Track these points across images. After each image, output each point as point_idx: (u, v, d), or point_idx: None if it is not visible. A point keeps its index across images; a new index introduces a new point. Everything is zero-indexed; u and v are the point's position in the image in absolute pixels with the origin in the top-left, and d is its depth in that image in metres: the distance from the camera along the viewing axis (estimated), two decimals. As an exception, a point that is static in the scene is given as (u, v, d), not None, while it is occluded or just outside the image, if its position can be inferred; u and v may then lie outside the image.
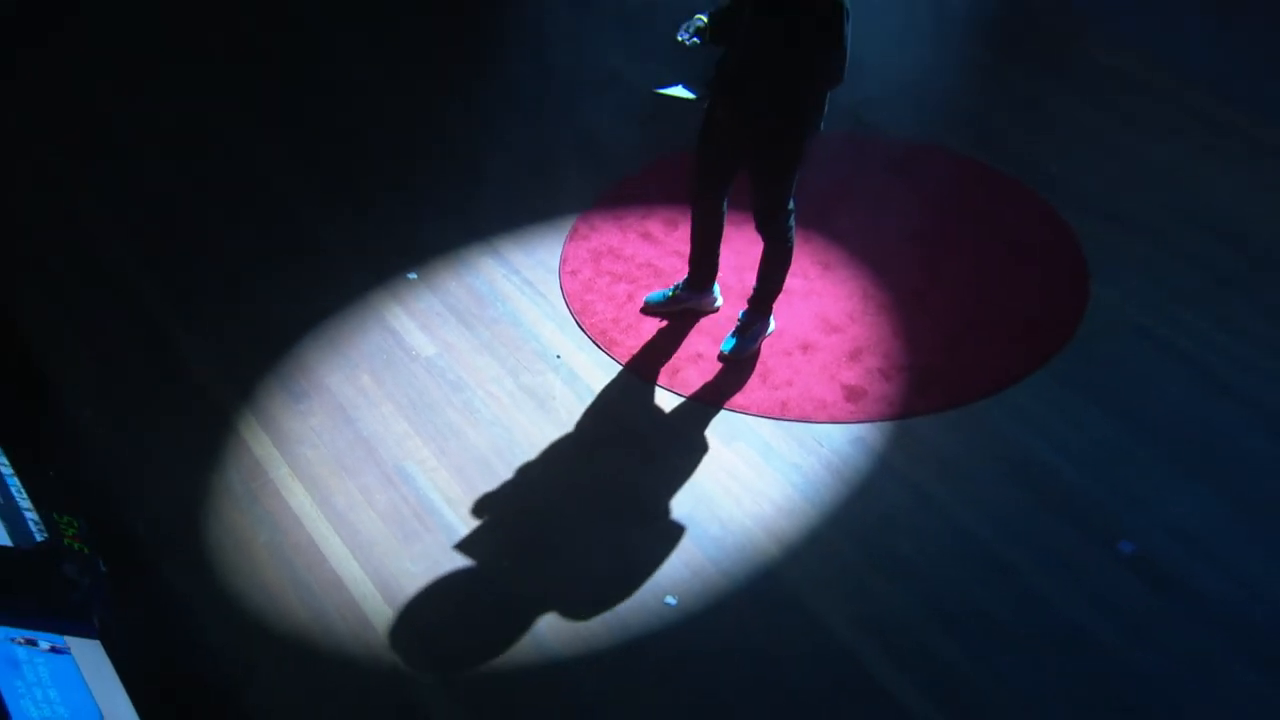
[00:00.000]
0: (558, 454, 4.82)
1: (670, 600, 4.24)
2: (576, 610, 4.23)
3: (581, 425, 4.91)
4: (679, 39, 4.58)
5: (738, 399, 4.94)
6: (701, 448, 4.79)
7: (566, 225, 5.78)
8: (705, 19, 4.57)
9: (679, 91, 4.65)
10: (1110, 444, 4.73)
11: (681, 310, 5.30)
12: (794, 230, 4.95)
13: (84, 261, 5.72)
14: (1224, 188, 5.95)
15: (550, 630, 4.16)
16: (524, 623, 4.19)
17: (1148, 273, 5.48)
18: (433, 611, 4.26)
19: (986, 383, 4.94)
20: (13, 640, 3.81)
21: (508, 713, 3.97)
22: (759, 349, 5.12)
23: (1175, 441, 4.73)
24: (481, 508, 4.59)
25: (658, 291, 5.36)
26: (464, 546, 4.46)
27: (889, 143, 6.22)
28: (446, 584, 4.34)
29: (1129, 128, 6.36)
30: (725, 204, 5.05)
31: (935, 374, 5.01)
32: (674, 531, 4.48)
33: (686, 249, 5.32)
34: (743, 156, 4.82)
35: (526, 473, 4.74)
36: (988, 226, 5.77)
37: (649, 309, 5.32)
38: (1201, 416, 4.85)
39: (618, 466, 4.77)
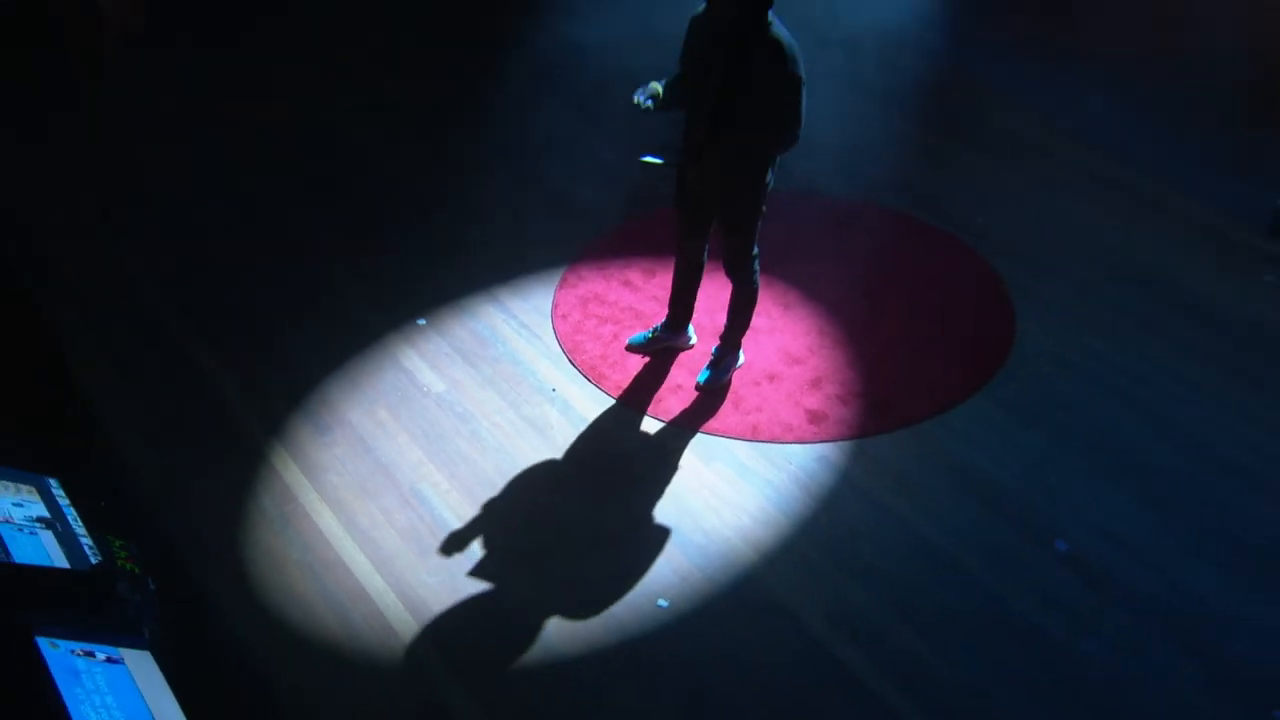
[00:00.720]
0: (557, 475, 4.80)
1: (662, 603, 4.23)
2: (578, 613, 4.21)
3: (577, 450, 4.89)
4: (635, 101, 4.56)
5: (714, 424, 4.93)
6: (684, 467, 4.78)
7: (556, 275, 5.77)
8: (659, 87, 4.56)
9: (655, 159, 4.67)
10: (1041, 457, 4.76)
11: (661, 348, 5.29)
12: (758, 274, 4.97)
13: (126, 310, 5.67)
14: (1120, 234, 6.02)
15: (555, 631, 4.14)
16: (531, 625, 4.17)
17: (1063, 309, 5.53)
18: (449, 617, 4.22)
19: (932, 406, 4.96)
20: (73, 653, 3.77)
21: (519, 706, 3.93)
22: (731, 380, 5.11)
23: (1097, 454, 4.77)
24: (489, 524, 4.56)
25: (640, 333, 5.35)
26: (474, 558, 4.42)
27: (832, 201, 6.26)
28: (461, 593, 4.30)
29: (1035, 185, 6.43)
30: (705, 253, 5.05)
31: (887, 399, 5.02)
32: (662, 541, 4.46)
33: (664, 294, 5.34)
34: (713, 210, 4.84)
35: (529, 493, 4.71)
36: (923, 271, 5.82)
37: (632, 348, 5.31)
38: (1118, 432, 4.88)
39: (611, 485, 4.76)
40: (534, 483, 4.76)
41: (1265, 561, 4.31)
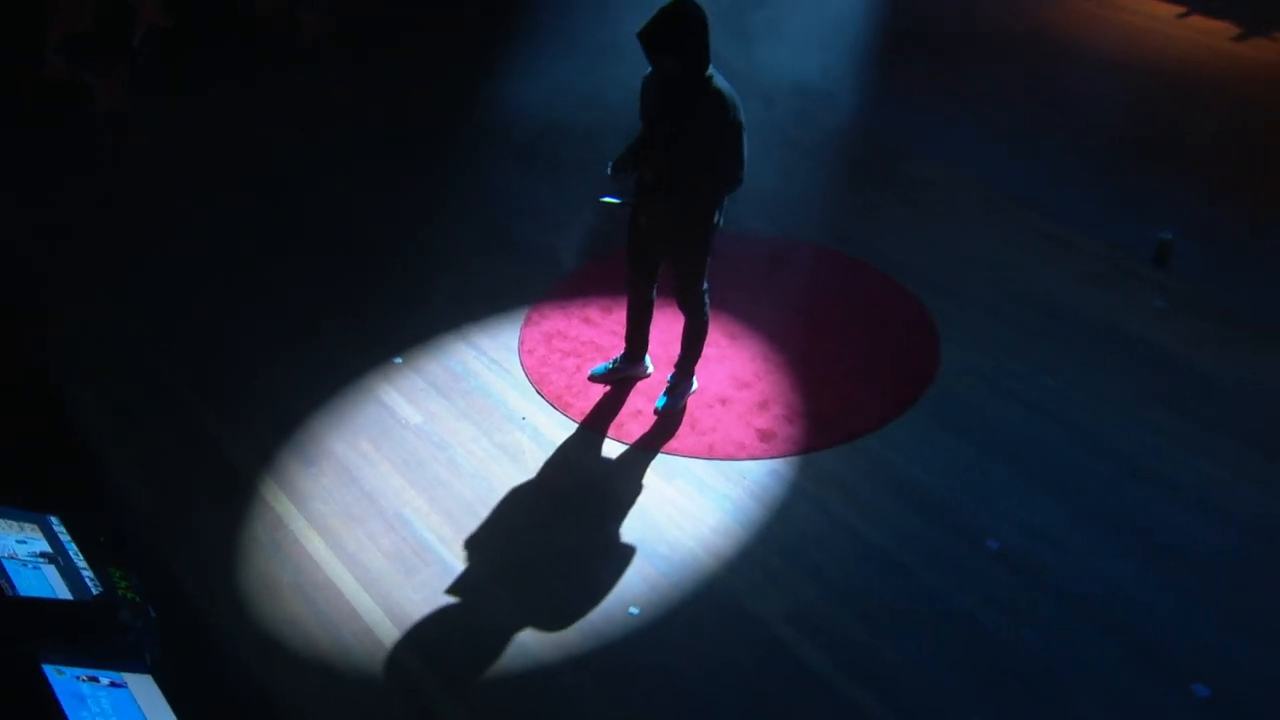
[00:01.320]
0: (530, 496, 4.71)
1: (634, 610, 4.16)
2: (556, 622, 4.12)
3: (547, 472, 4.81)
4: (603, 200, 4.64)
5: (673, 444, 4.87)
6: (647, 485, 4.72)
7: (521, 314, 5.69)
8: (615, 164, 4.55)
9: (613, 200, 4.64)
10: (969, 465, 4.75)
11: (621, 378, 5.23)
12: (709, 307, 4.93)
13: (120, 358, 5.47)
14: (1025, 266, 6.05)
15: (535, 640, 4.05)
16: (513, 635, 4.07)
17: (981, 333, 5.53)
18: (435, 631, 4.11)
19: (869, 422, 4.94)
20: (78, 678, 3.60)
21: (500, 709, 3.83)
22: (686, 404, 5.06)
23: (1019, 461, 4.77)
24: (469, 543, 4.45)
25: (601, 364, 5.29)
26: (457, 576, 4.31)
27: (769, 241, 6.25)
28: (445, 608, 4.19)
29: (945, 223, 6.46)
30: (654, 291, 5.01)
31: (829, 418, 4.99)
32: (631, 554, 4.39)
33: (621, 330, 5.30)
34: (663, 251, 4.82)
35: (505, 513, 4.61)
36: (853, 301, 5.81)
37: (594, 378, 5.24)
38: (1036, 439, 4.90)
39: (580, 504, 4.68)
40: (509, 504, 4.65)
41: (1172, 551, 4.34)
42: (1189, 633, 4.01)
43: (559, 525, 4.59)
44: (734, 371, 5.27)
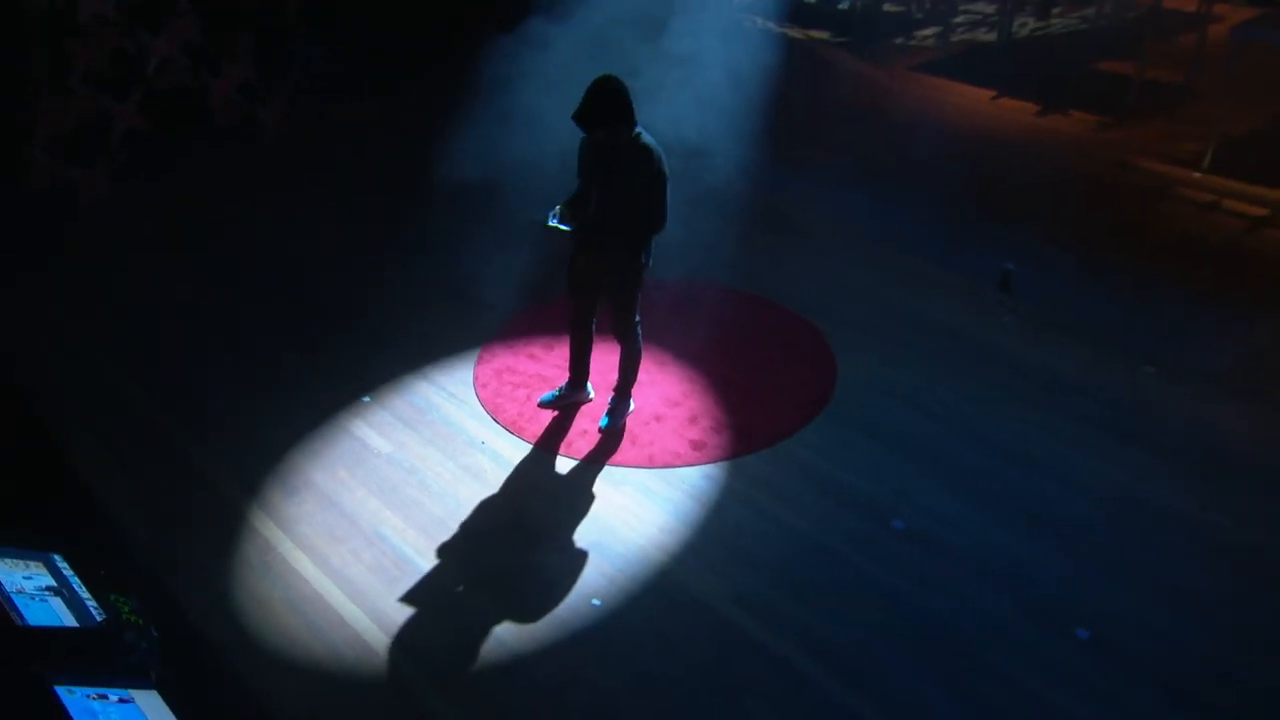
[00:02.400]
0: (495, 509, 4.60)
1: (596, 602, 4.08)
2: (528, 618, 4.01)
3: (508, 487, 4.71)
4: (548, 224, 4.48)
5: (617, 458, 4.82)
6: (598, 494, 4.64)
7: (474, 354, 5.58)
8: (561, 207, 4.51)
9: (559, 225, 4.50)
10: (873, 459, 4.78)
11: (567, 404, 5.15)
12: (640, 337, 4.91)
13: (112, 404, 5.21)
14: (898, 295, 6.12)
15: (509, 634, 3.94)
16: (490, 631, 3.95)
17: (868, 350, 5.56)
18: (420, 634, 3.97)
19: (785, 429, 4.95)
20: (88, 697, 3.38)
21: (486, 700, 3.70)
22: (626, 423, 5.01)
23: (913, 454, 4.81)
24: (444, 554, 4.32)
25: (548, 393, 5.20)
26: (435, 583, 4.18)
27: (685, 283, 6.15)
28: (426, 612, 4.06)
29: (829, 262, 6.51)
30: (593, 325, 4.97)
31: (750, 427, 4.99)
32: (588, 553, 4.31)
33: (563, 363, 5.24)
34: (600, 289, 4.80)
35: (473, 525, 4.49)
36: (762, 331, 5.82)
37: (544, 405, 5.16)
38: (925, 435, 4.94)
39: (540, 513, 4.58)
40: (477, 517, 4.54)
41: (1046, 521, 4.41)
42: (1066, 587, 4.08)
43: (523, 533, 4.48)
44: (664, 393, 5.24)
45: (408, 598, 4.12)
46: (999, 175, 7.48)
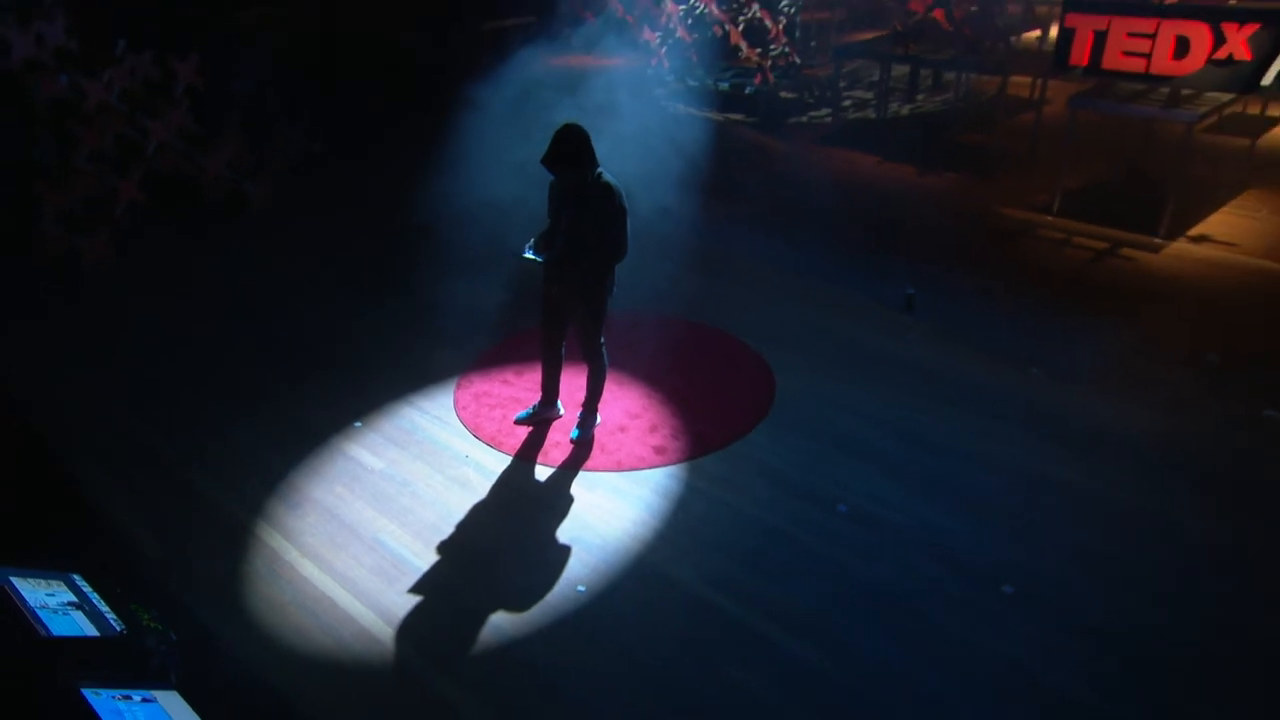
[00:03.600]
0: (482, 513, 4.40)
1: (580, 589, 3.91)
2: (520, 605, 3.82)
3: (493, 494, 4.51)
4: (524, 255, 4.46)
5: (589, 464, 4.67)
6: (575, 496, 4.49)
7: (453, 382, 5.39)
8: (535, 239, 4.48)
9: (532, 256, 4.45)
10: (813, 455, 4.72)
11: (540, 420, 5.00)
12: (606, 357, 4.80)
13: (119, 438, 4.86)
14: (819, 319, 6.09)
15: (503, 620, 3.74)
16: (486, 619, 3.76)
17: (799, 366, 5.51)
18: (421, 624, 3.75)
19: (734, 434, 4.87)
20: (114, 698, 3.11)
21: (487, 681, 3.50)
22: (594, 434, 4.87)
23: (846, 447, 4.76)
24: (438, 553, 4.11)
25: (523, 411, 5.04)
26: (432, 580, 3.97)
27: (638, 315, 5.97)
28: (426, 605, 3.84)
29: (758, 294, 6.48)
30: (563, 347, 4.84)
31: (704, 433, 4.89)
32: (570, 547, 4.15)
33: (535, 386, 5.11)
34: (570, 314, 4.69)
35: (463, 528, 4.29)
36: (709, 353, 5.72)
37: (519, 421, 4.99)
38: (856, 432, 4.90)
39: (524, 515, 4.41)
40: (466, 521, 4.33)
41: (965, 496, 4.39)
42: (990, 552, 4.06)
43: (509, 532, 4.30)
44: (626, 407, 5.12)
45: (408, 594, 3.89)
46: (894, 221, 7.61)
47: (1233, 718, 3.31)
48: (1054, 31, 9.88)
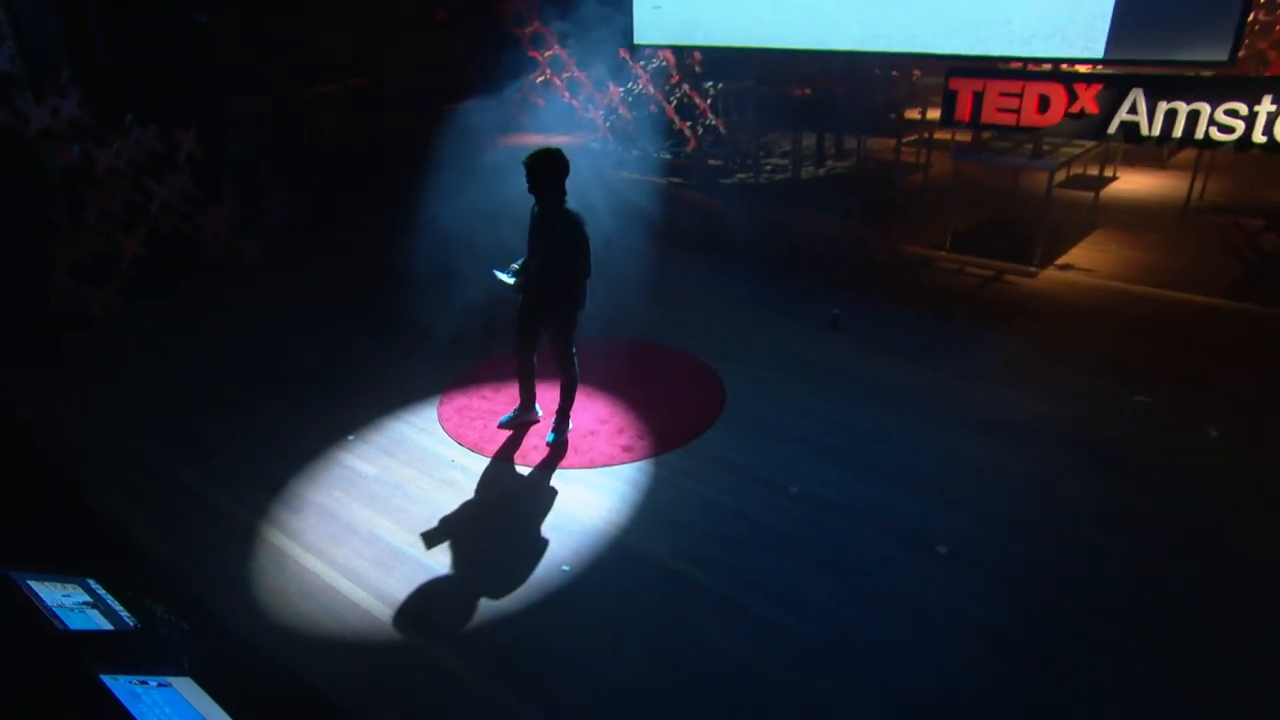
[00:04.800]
0: (470, 508, 4.24)
1: (565, 567, 3.77)
2: (508, 584, 3.68)
3: (479, 492, 4.35)
4: (500, 278, 4.43)
5: (565, 463, 4.55)
6: (553, 490, 4.36)
7: (436, 399, 5.22)
8: (518, 265, 4.47)
9: (506, 277, 4.43)
10: (765, 447, 4.66)
11: (520, 423, 4.89)
12: (578, 367, 4.72)
13: (129, 458, 4.57)
14: (763, 337, 6.00)
15: (495, 598, 3.59)
16: (477, 598, 3.60)
17: (745, 375, 5.45)
18: (419, 603, 3.58)
19: (694, 433, 4.79)
20: (131, 683, 2.87)
21: (484, 650, 3.34)
22: (568, 437, 4.76)
23: (794, 441, 4.71)
24: (431, 544, 3.93)
25: (505, 415, 4.93)
26: (426, 566, 3.78)
27: (604, 339, 5.67)
28: (423, 588, 3.67)
29: (713, 320, 6.32)
30: (535, 357, 4.77)
31: (666, 434, 4.81)
32: (553, 533, 4.01)
33: (512, 401, 5.02)
34: (543, 327, 4.62)
35: (453, 521, 4.12)
36: (666, 367, 5.63)
37: (502, 425, 4.87)
38: (799, 427, 4.86)
39: (510, 509, 4.26)
40: (456, 515, 4.17)
41: (897, 474, 4.39)
42: (925, 521, 4.04)
43: (496, 523, 4.14)
44: (595, 414, 5.01)
45: (406, 580, 3.71)
46: (817, 257, 7.72)
47: (1128, 634, 3.34)
48: (931, 113, 10.39)
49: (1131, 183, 9.36)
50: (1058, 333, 6.01)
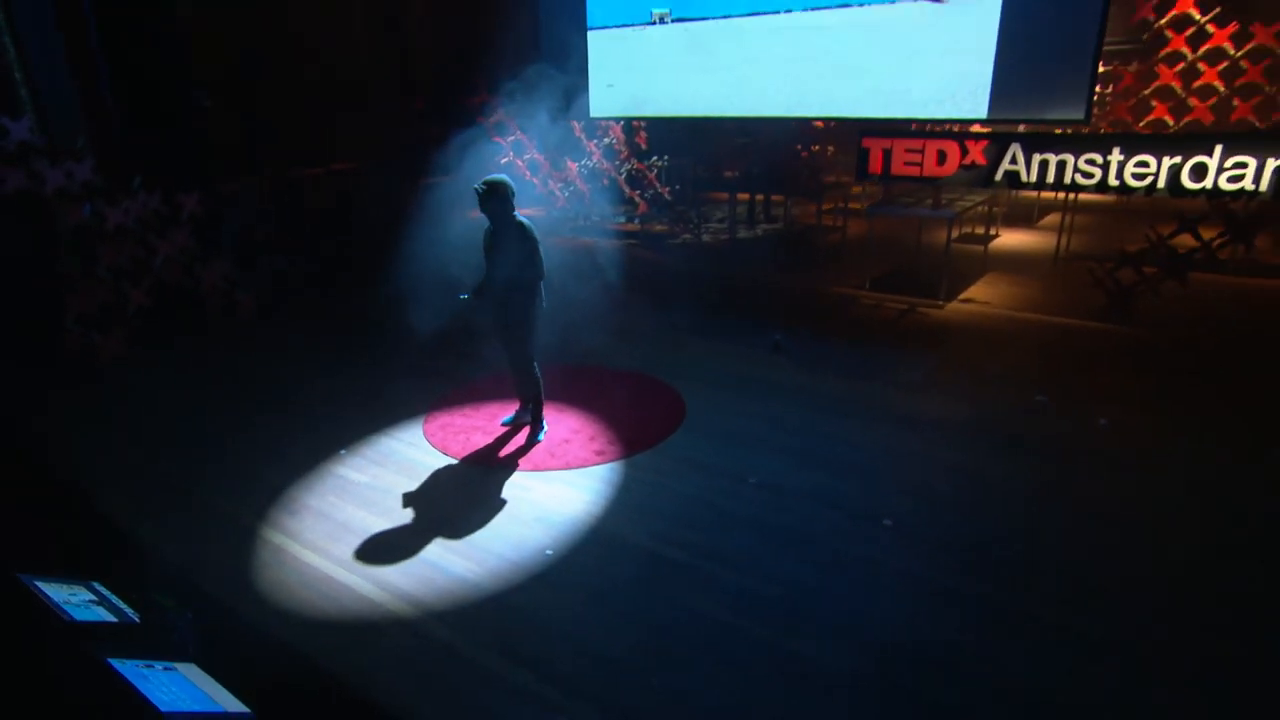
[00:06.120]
0: (458, 507, 4.08)
1: (548, 551, 3.65)
2: (498, 566, 3.54)
3: (465, 493, 4.21)
4: (464, 297, 4.43)
5: (543, 466, 4.44)
6: (535, 488, 4.24)
7: (421, 418, 5.07)
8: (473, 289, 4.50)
9: (465, 296, 4.43)
10: (723, 447, 4.62)
11: (521, 423, 4.88)
12: (540, 376, 4.70)
13: (136, 474, 4.27)
14: (710, 364, 5.98)
15: (485, 579, 3.46)
16: (467, 579, 3.46)
17: (703, 391, 5.40)
18: (411, 585, 3.41)
19: (659, 438, 4.74)
20: (138, 667, 2.66)
21: (475, 623, 3.19)
22: (543, 440, 4.69)
23: (748, 442, 4.68)
24: (423, 537, 3.75)
25: (506, 417, 4.95)
26: (419, 557, 3.61)
27: (573, 366, 5.77)
28: (414, 572, 3.50)
29: (666, 349, 6.17)
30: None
31: (635, 439, 4.75)
32: (536, 524, 3.89)
33: (493, 418, 5.00)
34: (509, 335, 4.58)
35: (442, 519, 3.95)
36: (629, 385, 5.55)
37: (505, 424, 4.90)
38: (754, 432, 4.83)
39: (493, 505, 4.10)
40: (444, 513, 4.01)
41: (848, 467, 4.37)
42: (868, 499, 4.05)
43: (482, 518, 3.99)
44: (569, 425, 4.93)
45: (399, 568, 3.54)
46: (755, 298, 7.86)
47: (1046, 578, 3.37)
48: (846, 179, 10.85)
49: (1011, 239, 9.94)
50: (966, 351, 6.21)
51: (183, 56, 8.02)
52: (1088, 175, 6.18)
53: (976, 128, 7.37)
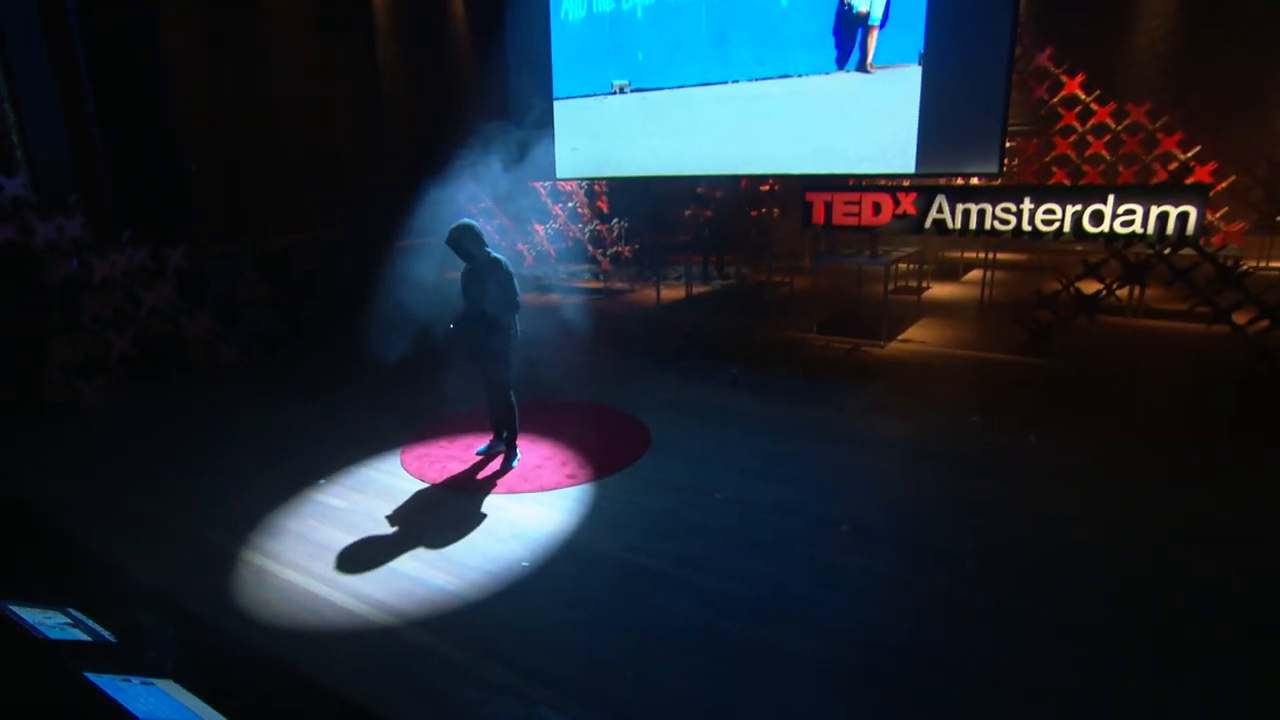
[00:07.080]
0: (436, 528, 4.00)
1: (525, 563, 3.60)
2: (476, 579, 3.47)
3: (443, 515, 4.13)
4: (450, 327, 4.46)
5: (519, 489, 4.39)
6: (510, 509, 4.18)
7: (398, 450, 4.98)
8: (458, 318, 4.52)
9: (451, 326, 4.47)
10: (688, 468, 4.63)
11: (494, 453, 4.83)
12: (514, 399, 4.69)
13: (118, 506, 4.09)
14: (671, 392, 5.97)
15: (465, 589, 3.38)
16: (447, 590, 3.38)
17: (667, 421, 5.39)
18: (393, 600, 3.30)
19: (628, 461, 4.74)
20: (116, 680, 2.51)
21: (455, 630, 3.11)
22: (516, 466, 4.65)
23: (712, 462, 4.67)
24: (402, 556, 3.65)
25: (481, 446, 4.89)
26: (399, 572, 3.51)
27: (545, 401, 5.72)
28: (397, 588, 3.39)
29: (630, 385, 6.16)
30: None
31: (605, 464, 4.73)
32: (513, 541, 3.83)
33: (467, 449, 4.94)
34: (488, 363, 4.60)
35: (422, 539, 3.87)
36: (597, 416, 5.53)
37: (480, 454, 4.83)
38: (717, 453, 4.85)
39: (470, 524, 4.03)
40: (423, 534, 3.92)
41: (805, 481, 4.42)
42: (827, 509, 4.09)
43: (460, 536, 3.91)
44: (541, 453, 4.91)
45: (380, 582, 3.45)
46: (711, 341, 7.91)
47: (989, 571, 3.44)
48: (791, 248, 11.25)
49: (941, 291, 10.44)
50: (907, 382, 6.41)
51: (172, 129, 8.09)
52: (1004, 221, 6.57)
53: (906, 182, 7.79)
